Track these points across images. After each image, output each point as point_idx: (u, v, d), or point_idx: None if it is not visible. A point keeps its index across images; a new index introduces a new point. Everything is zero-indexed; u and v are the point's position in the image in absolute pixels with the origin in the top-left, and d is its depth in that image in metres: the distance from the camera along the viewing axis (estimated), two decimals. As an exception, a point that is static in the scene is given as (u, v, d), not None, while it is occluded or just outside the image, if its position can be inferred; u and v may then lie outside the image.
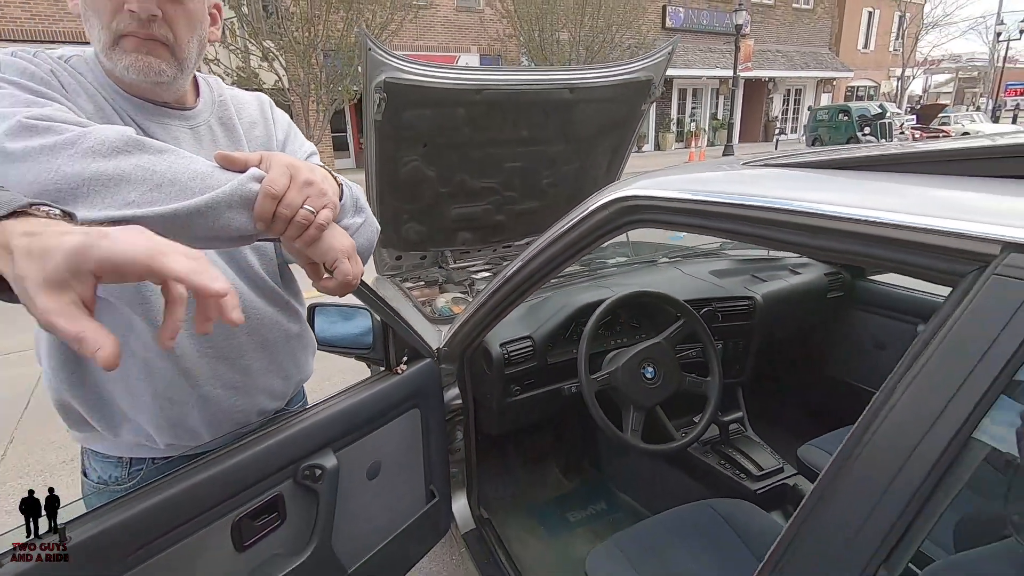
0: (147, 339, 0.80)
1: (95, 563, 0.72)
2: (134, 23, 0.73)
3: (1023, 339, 0.42)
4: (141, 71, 0.75)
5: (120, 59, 0.75)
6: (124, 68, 0.75)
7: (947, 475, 0.44)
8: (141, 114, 0.80)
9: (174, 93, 0.83)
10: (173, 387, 0.84)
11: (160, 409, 0.85)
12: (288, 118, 1.00)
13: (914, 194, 0.56)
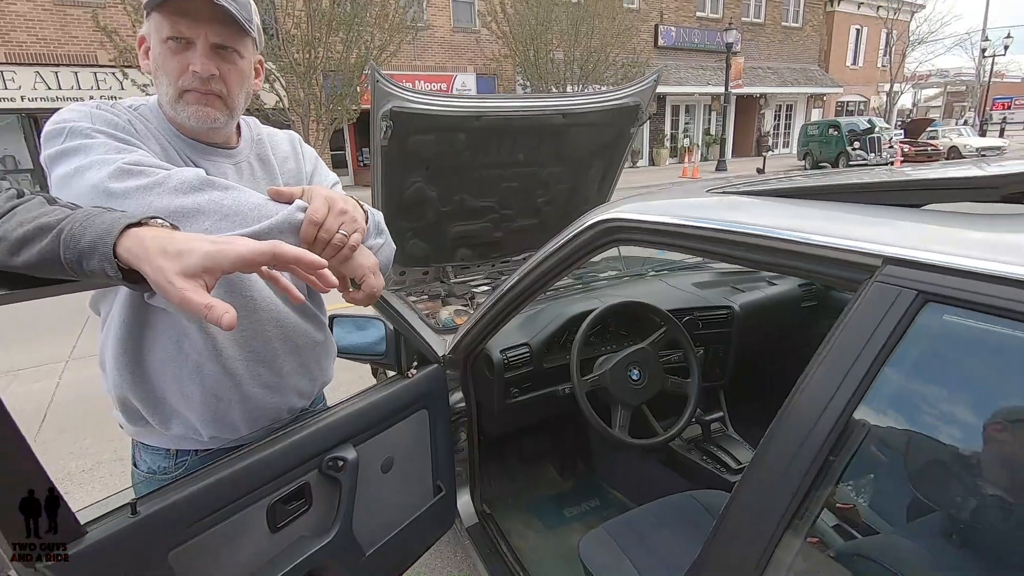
0: (199, 345, 0.94)
1: (162, 532, 0.86)
2: (196, 81, 0.88)
3: (893, 330, 0.56)
4: (200, 119, 0.90)
5: (183, 110, 0.89)
6: (186, 117, 0.90)
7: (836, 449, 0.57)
8: (195, 153, 0.95)
9: (223, 135, 0.98)
10: (220, 386, 0.97)
11: (207, 405, 0.98)
12: (315, 152, 1.15)
13: (829, 218, 0.70)
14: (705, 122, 22.51)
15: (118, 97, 11.67)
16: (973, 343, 0.54)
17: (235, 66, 0.91)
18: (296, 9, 10.28)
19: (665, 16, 20.09)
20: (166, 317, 0.93)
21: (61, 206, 0.67)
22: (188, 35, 0.86)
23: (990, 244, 0.53)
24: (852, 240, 0.63)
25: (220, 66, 0.88)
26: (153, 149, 0.88)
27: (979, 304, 0.51)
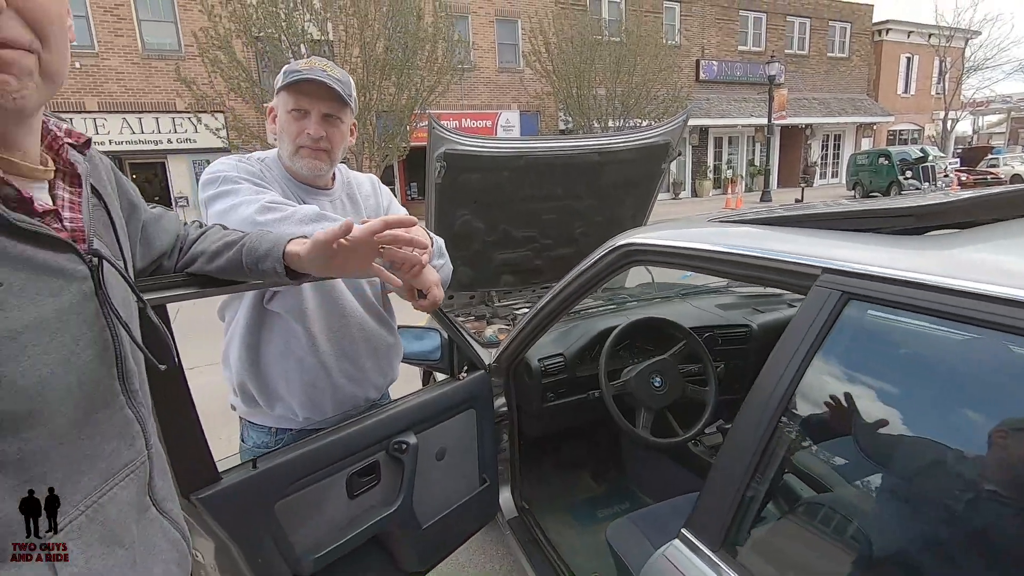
0: (303, 342, 1.20)
1: (273, 485, 1.10)
2: (309, 141, 1.16)
3: (827, 319, 0.75)
4: (311, 169, 1.19)
5: (298, 161, 1.18)
6: (300, 167, 1.19)
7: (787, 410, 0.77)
8: (303, 193, 1.23)
9: (324, 180, 1.26)
10: (315, 376, 1.23)
11: (305, 392, 1.23)
12: (389, 191, 1.43)
13: (790, 240, 0.90)
14: (749, 153, 22.40)
15: (192, 140, 12.64)
16: (880, 326, 0.73)
17: (338, 129, 1.20)
18: (353, 56, 11.07)
19: (706, 51, 20.35)
20: (279, 320, 1.20)
21: (233, 231, 0.96)
22: (306, 108, 1.15)
23: (892, 257, 0.73)
24: (802, 255, 0.83)
25: (328, 130, 1.17)
26: (276, 190, 1.17)
27: (883, 300, 0.70)
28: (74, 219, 0.61)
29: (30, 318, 0.52)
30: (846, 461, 0.81)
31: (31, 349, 0.52)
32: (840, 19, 23.53)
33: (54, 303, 0.55)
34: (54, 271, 0.55)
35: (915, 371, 0.74)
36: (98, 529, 0.60)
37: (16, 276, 0.51)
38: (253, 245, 0.88)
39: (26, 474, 0.54)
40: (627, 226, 3.10)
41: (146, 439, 0.69)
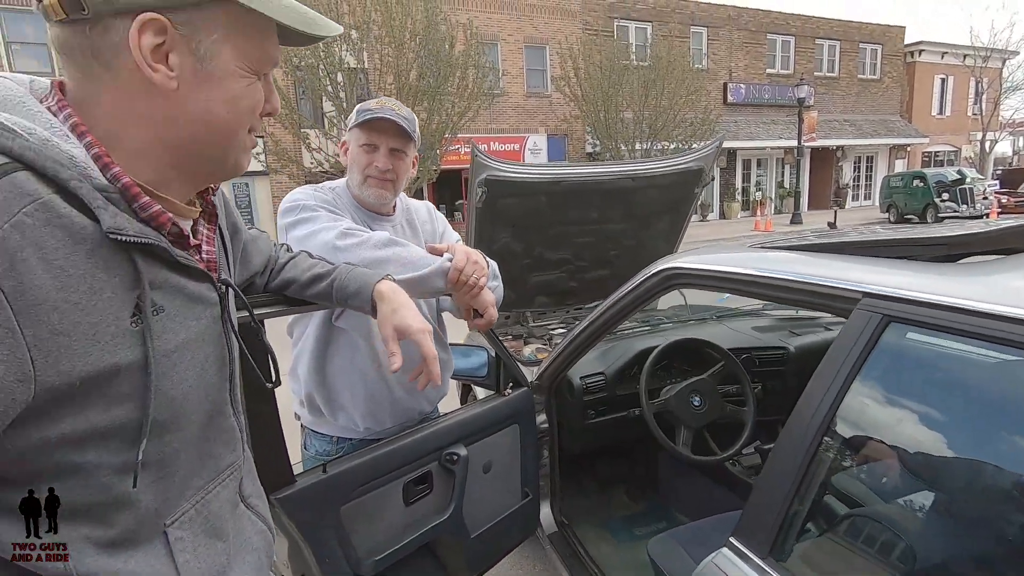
0: (366, 357, 1.30)
1: (339, 489, 1.19)
2: (377, 172, 1.28)
3: (866, 344, 0.81)
4: (377, 198, 1.30)
5: (365, 191, 1.30)
6: (368, 196, 1.30)
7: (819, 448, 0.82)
8: (368, 219, 1.34)
9: (387, 208, 1.37)
10: (376, 389, 1.32)
11: (366, 404, 1.33)
12: (444, 217, 1.53)
13: (832, 266, 0.96)
14: (778, 175, 22.21)
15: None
16: (919, 348, 0.78)
17: (403, 162, 1.31)
18: (387, 84, 11.46)
19: (734, 74, 20.40)
20: (345, 336, 1.30)
21: (317, 259, 1.07)
22: (376, 143, 1.27)
23: (930, 283, 0.78)
24: (844, 280, 0.89)
25: (394, 163, 1.29)
26: (347, 216, 1.28)
27: (922, 323, 0.76)
28: (209, 252, 0.71)
29: (180, 339, 0.61)
30: (887, 476, 0.86)
31: (180, 366, 0.61)
32: (871, 41, 23.36)
33: (196, 326, 0.64)
34: (197, 298, 0.64)
35: (952, 391, 0.78)
36: (203, 522, 0.68)
37: (173, 303, 0.60)
38: (343, 283, 1.00)
39: (162, 471, 0.62)
40: (660, 249, 3.16)
41: (243, 444, 0.78)
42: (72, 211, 0.51)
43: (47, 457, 0.53)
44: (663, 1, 19.07)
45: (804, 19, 21.83)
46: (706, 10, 19.82)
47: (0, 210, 0.46)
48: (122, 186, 0.56)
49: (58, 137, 0.53)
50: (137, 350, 0.55)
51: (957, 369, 0.78)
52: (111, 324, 0.53)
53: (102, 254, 0.52)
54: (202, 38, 0.57)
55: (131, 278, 0.55)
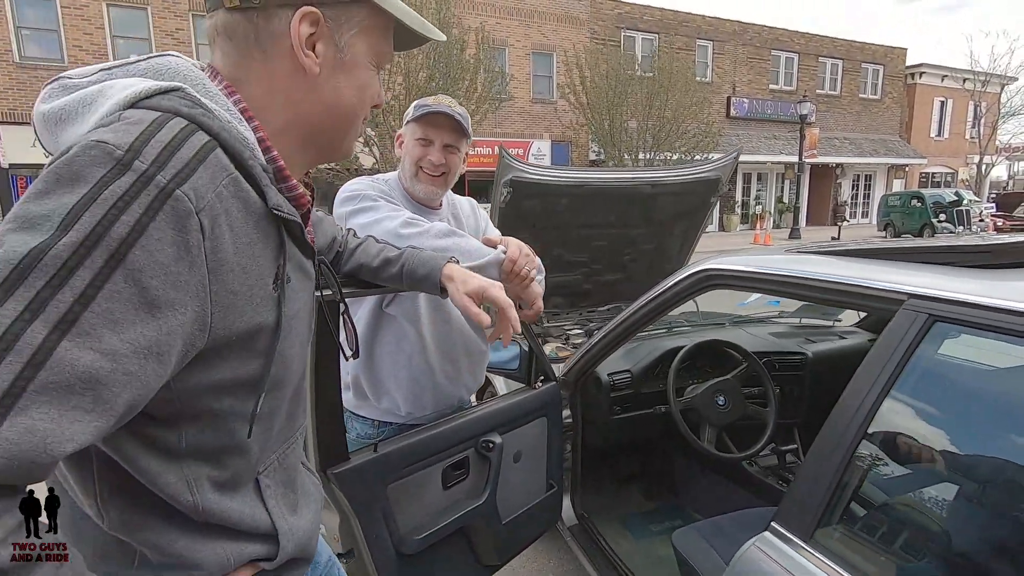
0: (413, 343, 1.35)
1: (388, 468, 1.23)
2: (430, 167, 1.33)
3: (914, 338, 0.87)
4: (427, 192, 1.35)
5: (417, 184, 1.35)
6: (419, 190, 1.35)
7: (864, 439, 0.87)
8: (417, 211, 1.39)
9: (436, 202, 1.42)
10: (420, 374, 1.37)
11: (410, 388, 1.37)
12: (486, 213, 1.59)
13: (877, 270, 1.02)
14: (778, 190, 22.40)
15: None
16: (962, 347, 0.84)
17: (455, 157, 1.36)
18: (396, 84, 11.53)
19: (738, 88, 20.60)
20: (394, 322, 1.35)
21: (383, 243, 1.11)
22: (431, 138, 1.32)
23: (975, 286, 0.84)
24: (889, 282, 0.95)
25: (447, 158, 1.34)
26: (397, 204, 1.33)
27: (967, 322, 0.82)
28: (310, 232, 0.76)
29: (296, 307, 0.68)
30: (926, 469, 0.91)
31: (293, 331, 0.67)
32: (873, 61, 23.65)
33: (304, 297, 0.71)
34: (307, 273, 0.72)
35: (995, 391, 0.84)
36: (283, 473, 0.75)
37: (295, 275, 0.67)
38: (412, 267, 1.06)
39: (267, 424, 0.68)
40: (674, 255, 3.23)
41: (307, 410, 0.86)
42: (249, 188, 0.58)
43: (195, 401, 0.59)
44: (670, 13, 19.26)
45: (808, 37, 22.08)
46: (712, 24, 20.03)
47: (209, 180, 0.53)
48: (277, 167, 0.63)
49: (235, 120, 0.60)
50: (274, 312, 0.62)
51: (1000, 369, 0.83)
52: (262, 288, 0.60)
53: (263, 226, 0.60)
54: (343, 31, 0.65)
55: (278, 249, 0.62)
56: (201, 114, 0.55)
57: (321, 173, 12.20)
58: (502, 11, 16.57)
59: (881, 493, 0.93)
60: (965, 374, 0.88)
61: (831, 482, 0.91)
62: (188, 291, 0.51)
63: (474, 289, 1.01)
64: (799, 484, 0.97)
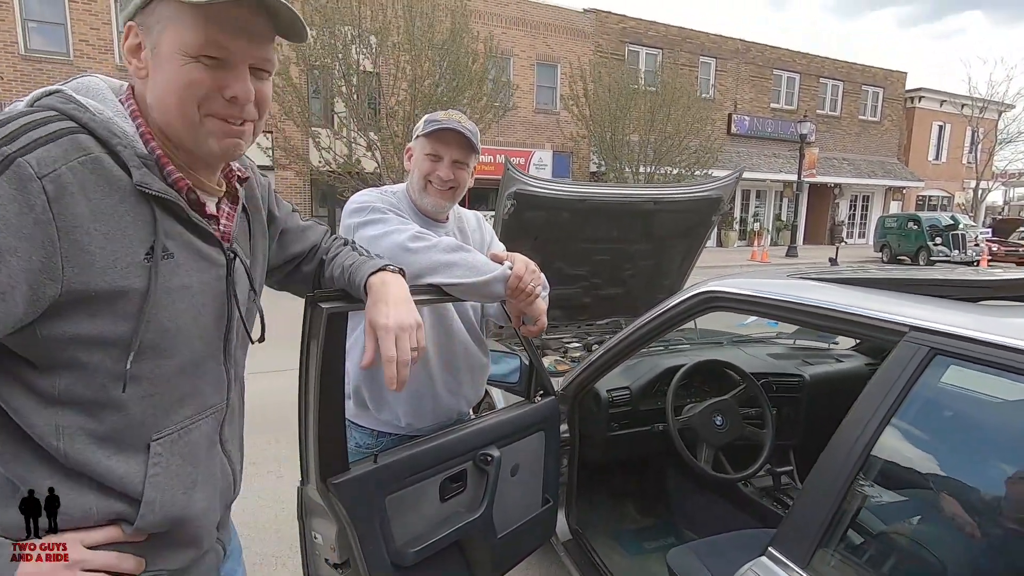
0: None
1: (386, 479, 1.23)
2: (439, 182, 1.34)
3: (913, 371, 0.88)
4: (436, 205, 1.36)
5: (426, 197, 1.36)
6: (427, 203, 1.36)
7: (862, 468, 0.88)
8: (424, 224, 1.40)
9: (444, 214, 1.43)
10: (421, 385, 1.37)
11: (410, 399, 1.38)
12: (491, 227, 1.60)
13: (880, 300, 1.04)
14: (776, 207, 22.53)
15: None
16: (962, 381, 0.85)
17: (464, 173, 1.38)
18: (400, 89, 11.58)
19: (739, 106, 20.78)
20: None
21: (359, 254, 1.08)
22: (440, 154, 1.34)
23: (975, 320, 0.86)
24: (891, 313, 0.96)
25: (456, 173, 1.35)
26: (409, 220, 1.34)
27: (968, 357, 0.83)
28: (227, 226, 0.84)
29: (182, 283, 0.74)
30: (924, 499, 0.92)
31: (177, 304, 0.74)
32: (873, 84, 23.91)
33: (199, 277, 0.77)
34: (205, 256, 0.78)
35: (994, 418, 0.85)
36: (181, 447, 0.79)
37: (182, 253, 0.74)
38: (352, 273, 1.01)
39: (153, 389, 0.74)
40: (674, 272, 3.25)
41: (228, 393, 0.88)
42: (115, 167, 0.68)
43: (63, 350, 0.67)
44: (675, 30, 19.45)
45: (810, 58, 22.32)
46: (716, 42, 20.23)
47: (61, 156, 0.64)
48: (156, 156, 0.73)
49: (119, 118, 0.71)
50: (144, 281, 0.70)
51: (1000, 402, 0.85)
52: (128, 256, 0.68)
53: (131, 202, 0.69)
54: (153, 33, 0.71)
55: (150, 225, 0.70)
56: (74, 109, 0.68)
57: (321, 176, 12.24)
58: (508, 21, 16.71)
59: (879, 522, 0.94)
60: (965, 406, 0.90)
61: (830, 509, 0.92)
62: (33, 242, 0.61)
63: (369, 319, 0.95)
64: (797, 510, 0.98)
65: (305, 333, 1.06)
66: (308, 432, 1.11)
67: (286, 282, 1.11)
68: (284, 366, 4.68)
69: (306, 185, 14.49)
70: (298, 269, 1.10)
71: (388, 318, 0.94)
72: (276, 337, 0.99)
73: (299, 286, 1.11)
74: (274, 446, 3.59)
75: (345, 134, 11.69)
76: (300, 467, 1.18)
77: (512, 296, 1.22)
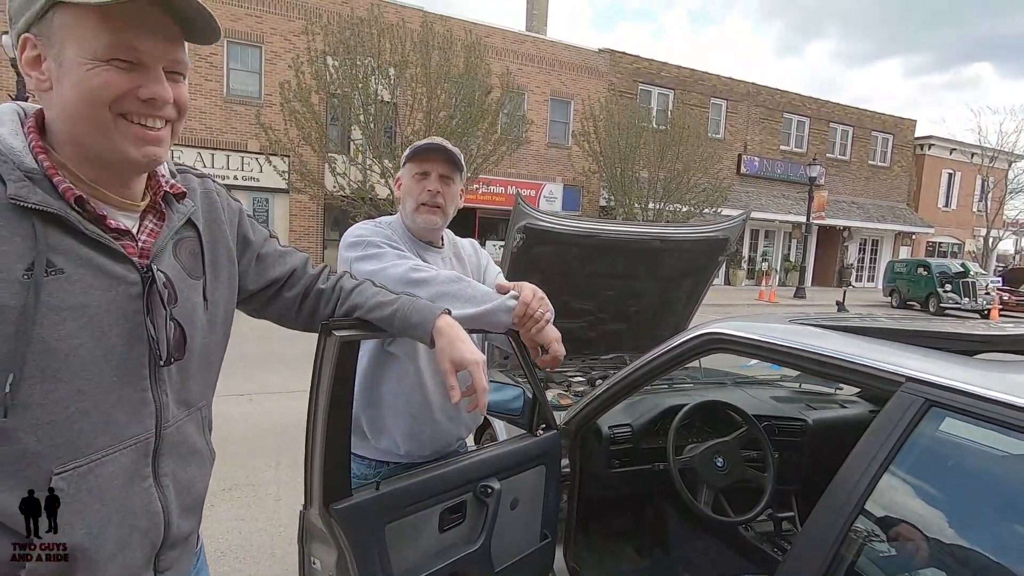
0: (412, 381, 1.38)
1: (387, 507, 1.25)
2: (429, 197, 1.40)
3: (908, 424, 0.90)
4: (427, 223, 1.42)
5: (418, 217, 1.42)
6: (419, 222, 1.42)
7: (872, 497, 0.90)
8: (420, 250, 1.44)
9: (437, 236, 1.48)
10: (420, 411, 1.40)
11: (409, 426, 1.40)
12: (487, 253, 1.65)
13: (879, 350, 1.06)
14: (785, 248, 22.57)
15: (256, 179, 13.37)
16: (956, 433, 0.87)
17: (451, 188, 1.43)
18: (416, 119, 11.87)
19: (749, 147, 21.04)
20: (395, 361, 1.38)
21: (379, 288, 1.13)
22: (427, 170, 1.41)
23: (969, 374, 0.88)
24: (889, 363, 0.99)
25: (444, 188, 1.41)
26: (404, 250, 1.38)
27: (962, 410, 0.85)
28: (147, 242, 0.79)
29: (76, 302, 0.69)
30: (918, 553, 0.93)
31: (69, 324, 0.69)
32: (882, 130, 24.19)
33: (102, 296, 0.72)
34: (108, 273, 0.73)
35: (990, 470, 0.87)
36: (91, 482, 0.72)
37: (76, 270, 0.69)
38: (405, 314, 1.07)
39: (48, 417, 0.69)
40: (679, 310, 3.27)
41: (160, 421, 0.80)
42: None
43: None
44: (687, 71, 19.88)
45: (820, 103, 22.67)
46: (727, 84, 20.63)
47: None
48: (44, 168, 0.69)
49: (11, 136, 0.70)
50: (21, 299, 0.65)
51: (992, 456, 0.86)
52: (3, 272, 0.64)
53: (7, 216, 0.66)
54: (54, 41, 0.69)
55: (30, 239, 0.66)
56: None
57: (335, 200, 12.44)
58: (524, 58, 17.16)
59: (877, 570, 0.94)
60: (961, 456, 0.91)
61: (826, 557, 0.92)
62: None
63: (456, 359, 1.03)
64: (794, 556, 0.98)
65: (318, 359, 1.09)
66: (314, 456, 1.13)
67: (266, 307, 1.08)
68: (288, 388, 4.75)
69: (319, 209, 14.72)
70: (279, 295, 1.08)
71: (474, 354, 1.04)
72: (280, 360, 1.01)
73: (280, 312, 1.09)
74: (274, 469, 3.59)
75: (361, 161, 11.94)
76: (304, 491, 1.20)
77: (520, 324, 1.25)
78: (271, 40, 14.02)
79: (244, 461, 3.62)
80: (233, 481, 3.38)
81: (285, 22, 14.10)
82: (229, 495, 3.23)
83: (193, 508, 0.90)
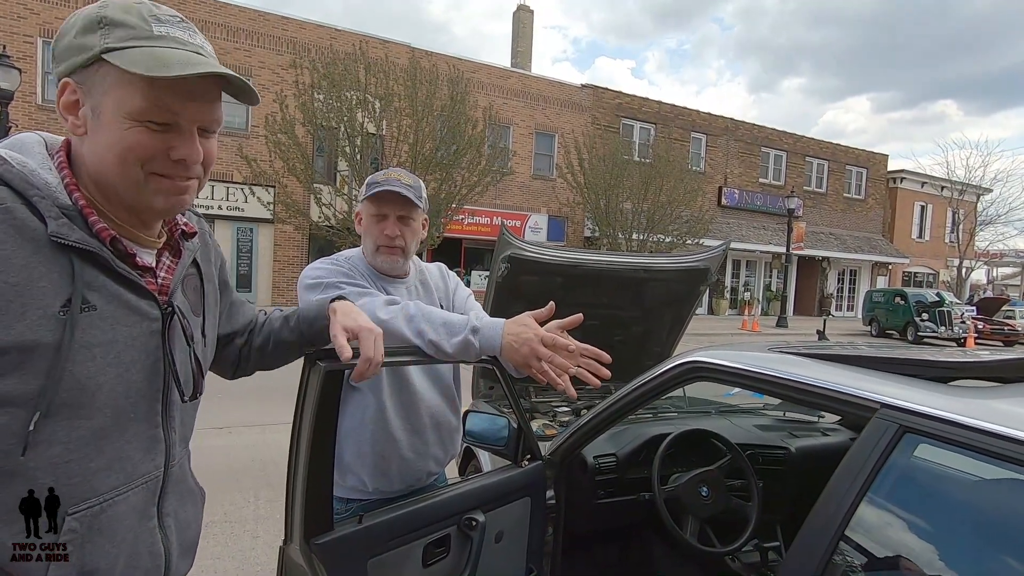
0: (375, 416, 1.37)
1: (369, 542, 1.22)
2: (387, 241, 1.40)
3: (883, 451, 0.92)
4: (389, 263, 1.43)
5: (379, 258, 1.42)
6: (381, 263, 1.43)
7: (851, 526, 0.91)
8: (383, 282, 1.44)
9: (402, 271, 1.48)
10: (385, 447, 1.38)
11: (375, 462, 1.38)
12: (456, 276, 1.66)
13: (854, 377, 1.08)
14: (766, 277, 22.95)
15: (241, 208, 13.31)
16: (929, 458, 0.89)
17: (410, 228, 1.43)
18: (402, 151, 12.01)
19: (729, 180, 21.57)
20: (357, 395, 1.37)
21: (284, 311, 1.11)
22: (385, 212, 1.40)
23: (942, 400, 0.90)
24: (864, 390, 1.01)
25: (402, 229, 1.41)
26: (365, 283, 1.38)
27: (935, 436, 0.87)
28: (165, 279, 0.81)
29: (106, 338, 0.70)
30: (904, 571, 0.94)
31: (99, 360, 0.69)
32: (856, 164, 25.00)
33: (127, 331, 0.73)
34: (134, 309, 0.74)
35: (962, 502, 0.88)
36: (103, 523, 0.71)
37: (107, 306, 0.71)
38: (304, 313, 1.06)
39: (69, 454, 0.68)
40: (663, 339, 3.30)
41: (168, 459, 0.81)
42: (30, 217, 0.66)
43: None
44: (667, 107, 20.47)
45: (796, 138, 23.43)
46: (706, 119, 21.26)
47: None
48: (80, 207, 0.71)
49: (43, 169, 0.70)
50: (56, 334, 0.65)
51: (966, 481, 0.88)
52: (40, 308, 0.64)
53: (46, 252, 0.66)
54: (95, 93, 0.70)
55: (68, 276, 0.67)
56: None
57: (321, 231, 12.44)
58: (509, 93, 17.55)
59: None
60: (936, 482, 0.93)
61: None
62: None
63: (351, 324, 0.96)
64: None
65: (302, 389, 1.08)
66: (296, 489, 1.11)
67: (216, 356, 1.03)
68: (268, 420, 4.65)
69: (304, 239, 14.69)
70: (231, 343, 1.06)
71: (368, 323, 0.97)
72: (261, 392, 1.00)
73: (222, 363, 1.06)
74: (252, 504, 3.49)
75: (346, 191, 12.00)
76: (284, 525, 1.17)
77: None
78: (259, 73, 14.18)
79: (221, 497, 3.52)
80: (209, 517, 3.24)
81: (274, 55, 14.31)
82: (205, 531, 3.11)
83: (190, 549, 0.90)
